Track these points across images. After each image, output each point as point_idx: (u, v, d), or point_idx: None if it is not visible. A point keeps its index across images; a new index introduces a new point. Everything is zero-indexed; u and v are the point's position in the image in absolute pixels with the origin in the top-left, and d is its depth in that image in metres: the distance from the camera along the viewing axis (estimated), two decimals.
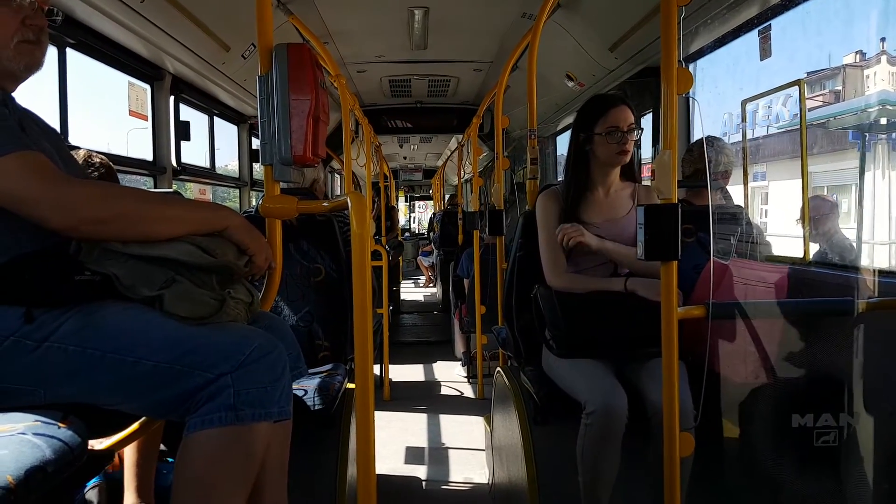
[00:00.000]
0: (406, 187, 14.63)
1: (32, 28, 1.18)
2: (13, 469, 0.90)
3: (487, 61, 4.58)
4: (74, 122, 2.37)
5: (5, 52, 1.16)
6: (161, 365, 1.10)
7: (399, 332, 6.70)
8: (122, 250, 1.14)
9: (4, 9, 1.15)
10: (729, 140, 2.52)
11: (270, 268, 1.35)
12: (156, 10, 2.39)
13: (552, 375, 1.95)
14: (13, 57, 1.17)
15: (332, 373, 2.07)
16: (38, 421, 1.03)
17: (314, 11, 3.33)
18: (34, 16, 1.18)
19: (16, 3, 1.16)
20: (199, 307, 1.16)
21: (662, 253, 1.40)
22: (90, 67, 2.57)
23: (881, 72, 2.26)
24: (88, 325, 1.10)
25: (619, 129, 1.92)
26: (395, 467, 3.24)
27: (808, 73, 3.02)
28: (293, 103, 1.38)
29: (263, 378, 1.13)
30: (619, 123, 1.93)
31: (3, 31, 1.15)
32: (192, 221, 1.19)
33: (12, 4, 1.15)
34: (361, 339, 1.15)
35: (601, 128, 1.94)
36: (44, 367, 1.08)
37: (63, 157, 1.26)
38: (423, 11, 3.46)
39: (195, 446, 1.11)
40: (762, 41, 2.28)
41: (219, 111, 4.01)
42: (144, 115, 3.03)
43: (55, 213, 1.06)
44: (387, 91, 5.41)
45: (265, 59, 1.41)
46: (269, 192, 1.48)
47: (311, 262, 2.30)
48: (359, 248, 1.17)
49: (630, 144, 1.95)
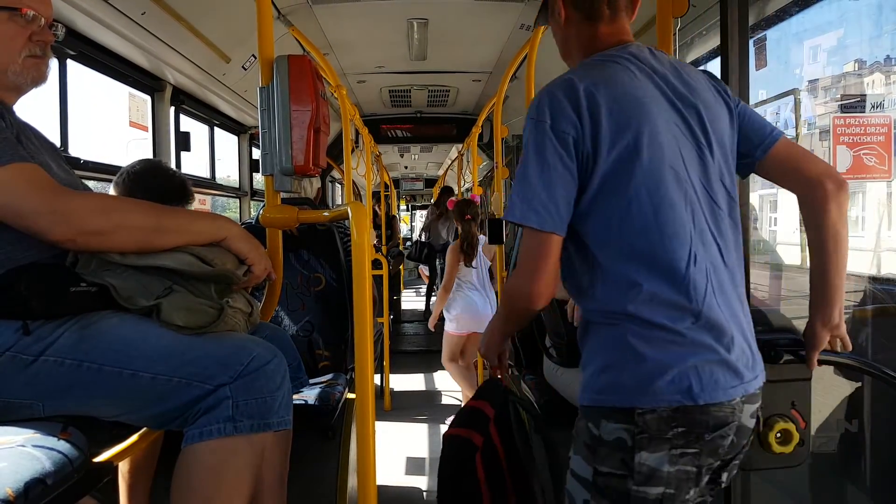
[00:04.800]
0: (408, 196, 14.66)
1: (39, 43, 1.21)
2: (12, 482, 0.89)
3: (486, 71, 4.60)
4: (75, 132, 2.38)
5: (13, 66, 1.18)
6: (159, 377, 1.10)
7: (400, 342, 6.69)
8: (120, 261, 1.14)
9: (13, 25, 1.17)
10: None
11: (270, 278, 1.35)
12: (156, 22, 2.41)
13: (553, 384, 1.94)
14: (20, 71, 1.19)
15: (332, 382, 2.07)
16: (37, 433, 1.03)
17: (314, 23, 3.36)
18: (41, 31, 1.21)
19: (24, 20, 1.18)
20: (196, 316, 1.16)
21: None
22: (91, 78, 2.59)
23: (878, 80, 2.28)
24: (85, 338, 1.10)
25: None
26: (396, 478, 3.23)
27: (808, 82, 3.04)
28: (294, 114, 1.39)
29: (262, 388, 1.13)
30: None
31: (11, 46, 1.17)
32: (191, 232, 1.19)
33: (20, 21, 1.18)
34: (362, 349, 1.15)
35: None
36: (41, 381, 1.08)
37: (62, 170, 1.26)
38: (422, 23, 3.48)
39: (193, 458, 1.11)
40: (757, 51, 2.29)
41: (219, 122, 4.02)
42: (145, 126, 3.04)
43: (54, 225, 1.06)
44: (387, 101, 5.43)
45: (266, 71, 1.42)
46: (269, 202, 1.48)
47: (311, 272, 2.31)
48: (359, 258, 1.17)
49: None
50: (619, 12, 1.20)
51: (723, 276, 1.11)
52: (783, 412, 1.26)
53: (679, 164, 1.10)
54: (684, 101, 1.14)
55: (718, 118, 1.17)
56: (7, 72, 1.18)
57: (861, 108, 2.31)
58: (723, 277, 1.11)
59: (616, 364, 1.08)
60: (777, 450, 1.25)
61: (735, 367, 1.07)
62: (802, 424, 1.26)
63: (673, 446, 1.05)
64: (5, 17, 1.17)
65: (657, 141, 1.09)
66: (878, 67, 2.54)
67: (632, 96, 1.10)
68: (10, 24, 1.17)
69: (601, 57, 1.17)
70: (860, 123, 2.19)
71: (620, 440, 1.06)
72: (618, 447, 1.07)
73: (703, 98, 1.15)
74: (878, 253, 2.43)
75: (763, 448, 1.25)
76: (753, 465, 1.28)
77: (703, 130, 1.14)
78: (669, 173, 1.09)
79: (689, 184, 1.11)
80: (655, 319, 1.06)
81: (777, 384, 1.25)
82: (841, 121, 2.19)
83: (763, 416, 1.23)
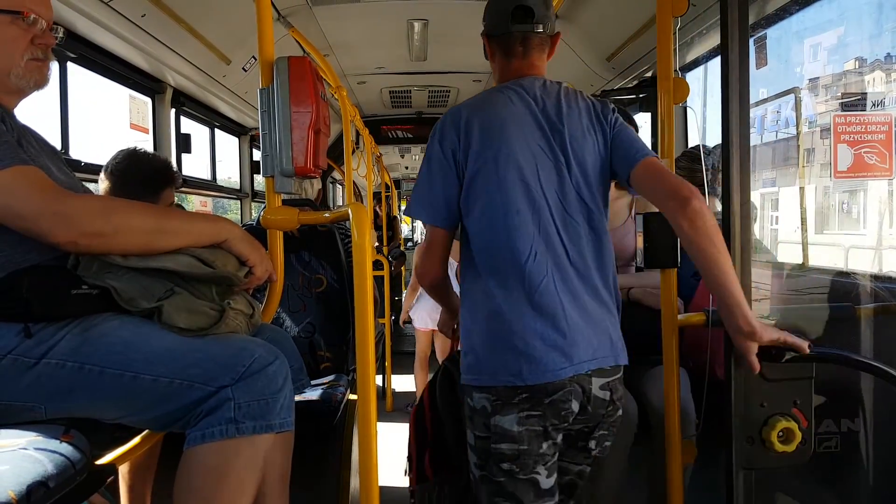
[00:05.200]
0: (409, 197, 14.67)
1: (41, 46, 1.22)
2: (15, 484, 0.90)
3: (487, 72, 4.60)
4: (75, 135, 2.38)
5: (16, 69, 1.19)
6: (161, 379, 1.10)
7: (401, 342, 6.68)
8: (121, 263, 1.14)
9: (15, 28, 1.18)
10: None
11: (271, 279, 1.35)
12: (157, 24, 2.41)
13: None
14: (23, 74, 1.20)
15: (334, 383, 2.07)
16: (39, 436, 1.03)
17: (314, 24, 3.36)
18: (42, 35, 1.21)
19: (26, 23, 1.18)
20: (198, 318, 1.16)
21: (662, 261, 1.41)
22: (91, 81, 2.59)
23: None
24: (86, 340, 1.10)
25: None
26: (398, 479, 3.22)
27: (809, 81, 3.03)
28: (294, 115, 1.39)
29: (264, 390, 1.13)
30: None
31: (13, 49, 1.18)
32: (192, 234, 1.20)
33: (22, 24, 1.18)
34: (363, 350, 1.15)
35: None
36: (43, 384, 1.08)
37: (62, 173, 1.27)
38: (422, 23, 3.48)
39: (195, 459, 1.11)
40: (758, 50, 2.29)
41: (220, 123, 4.03)
42: (146, 128, 3.04)
43: (55, 227, 1.06)
44: (387, 102, 5.43)
45: (266, 72, 1.42)
46: (270, 203, 1.48)
47: (312, 273, 2.31)
48: (360, 259, 1.17)
49: None
50: (531, 51, 1.46)
51: (568, 273, 1.34)
52: (785, 411, 1.26)
53: (533, 178, 1.35)
54: (552, 126, 1.38)
55: (583, 142, 1.38)
56: (10, 75, 1.19)
57: (862, 107, 2.31)
58: (568, 275, 1.34)
59: (474, 348, 1.36)
60: (779, 448, 1.24)
61: (568, 352, 1.30)
62: (805, 423, 1.26)
63: (520, 410, 1.31)
64: (7, 21, 1.17)
65: (513, 157, 1.35)
66: (878, 65, 2.54)
67: (500, 120, 1.38)
68: (12, 28, 1.18)
69: (497, 87, 1.48)
70: (861, 122, 2.18)
71: (484, 407, 1.34)
72: (482, 413, 1.34)
73: (572, 124, 1.39)
74: (879, 251, 2.43)
75: (765, 447, 1.25)
76: (755, 464, 1.28)
77: (563, 151, 1.37)
78: (521, 185, 1.34)
79: (540, 195, 1.35)
80: (502, 306, 1.32)
81: (779, 383, 1.25)
82: (842, 119, 2.19)
83: (765, 414, 1.23)
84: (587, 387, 1.32)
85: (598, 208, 1.39)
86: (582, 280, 1.35)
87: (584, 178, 1.37)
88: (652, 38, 1.40)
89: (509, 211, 1.33)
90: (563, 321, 1.30)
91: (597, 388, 1.33)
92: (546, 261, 1.32)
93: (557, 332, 1.30)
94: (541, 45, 1.45)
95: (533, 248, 1.32)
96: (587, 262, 1.36)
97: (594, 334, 1.33)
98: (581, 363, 1.31)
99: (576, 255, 1.35)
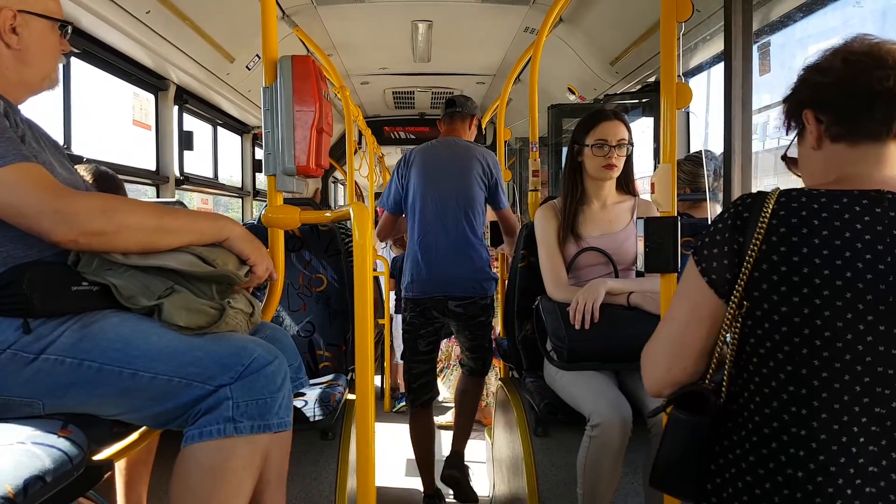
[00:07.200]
0: None
1: (63, 47, 1.26)
2: (12, 479, 0.89)
3: (490, 74, 4.61)
4: (78, 130, 2.38)
5: (53, 75, 1.25)
6: (159, 377, 1.10)
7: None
8: (122, 261, 1.13)
9: (55, 36, 1.23)
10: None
11: (271, 278, 1.35)
12: (161, 21, 2.41)
13: (554, 387, 1.94)
14: (54, 79, 1.25)
15: (332, 383, 2.07)
16: (37, 431, 1.02)
17: (319, 24, 3.36)
18: (63, 37, 1.26)
19: (63, 33, 1.24)
20: (197, 316, 1.15)
21: (662, 265, 1.41)
22: (95, 77, 2.59)
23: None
24: (85, 337, 1.10)
25: (606, 143, 1.93)
26: (395, 479, 3.22)
27: None
28: (297, 114, 1.39)
29: (263, 389, 1.13)
30: (607, 137, 1.93)
31: (53, 56, 1.23)
32: (193, 232, 1.19)
33: (58, 29, 1.23)
34: (362, 350, 1.15)
35: (590, 139, 1.95)
36: (41, 379, 1.08)
37: (64, 169, 1.27)
38: (426, 25, 3.49)
39: (193, 458, 1.10)
40: (761, 56, 2.29)
41: (222, 121, 4.03)
42: (148, 125, 3.05)
43: (56, 226, 1.05)
44: (390, 102, 5.44)
45: (270, 71, 1.42)
46: (272, 202, 1.48)
47: (312, 272, 2.31)
48: (361, 258, 1.17)
49: (617, 159, 1.95)
50: (454, 122, 2.82)
51: (444, 244, 2.59)
52: None
53: (437, 195, 2.62)
54: (455, 164, 2.65)
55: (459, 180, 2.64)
56: (46, 79, 1.23)
57: None
58: (445, 245, 2.59)
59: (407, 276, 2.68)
60: None
61: (433, 284, 2.59)
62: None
63: (412, 309, 2.65)
64: (51, 27, 1.21)
65: (428, 183, 2.63)
66: None
67: (427, 161, 2.67)
68: (53, 35, 1.22)
69: (435, 141, 2.81)
70: None
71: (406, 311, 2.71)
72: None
73: (465, 167, 2.64)
74: None
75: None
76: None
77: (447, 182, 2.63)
78: (431, 201, 2.62)
79: (441, 206, 2.61)
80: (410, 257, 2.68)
81: None
82: None
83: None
84: (441, 303, 2.62)
85: (475, 212, 2.64)
86: (453, 249, 2.60)
87: (467, 202, 2.63)
88: (656, 42, 1.39)
89: (424, 213, 2.63)
90: (436, 270, 2.60)
91: (452, 306, 2.60)
92: (434, 238, 2.61)
93: (432, 275, 2.60)
94: (465, 119, 2.82)
95: (428, 230, 2.63)
96: (458, 239, 2.61)
97: (457, 279, 2.61)
98: (442, 292, 2.61)
99: (449, 235, 2.60)
